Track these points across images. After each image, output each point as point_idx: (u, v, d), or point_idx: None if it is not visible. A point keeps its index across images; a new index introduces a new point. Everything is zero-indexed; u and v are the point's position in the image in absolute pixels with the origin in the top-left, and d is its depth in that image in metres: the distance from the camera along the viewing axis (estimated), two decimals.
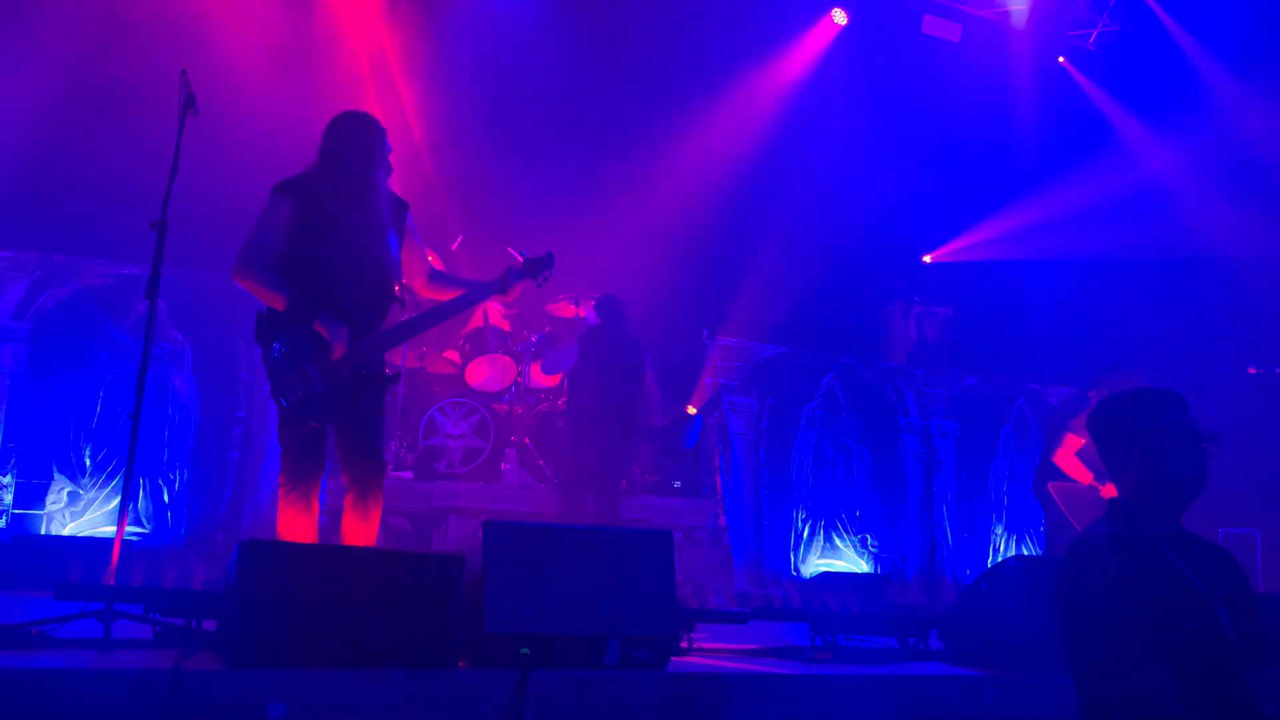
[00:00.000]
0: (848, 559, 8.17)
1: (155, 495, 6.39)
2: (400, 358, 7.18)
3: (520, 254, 4.32)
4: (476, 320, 7.59)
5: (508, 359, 7.66)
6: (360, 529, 3.89)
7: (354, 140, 4.01)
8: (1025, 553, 8.65)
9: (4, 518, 6.02)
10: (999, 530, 8.77)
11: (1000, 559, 8.42)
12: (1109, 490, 5.75)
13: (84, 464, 6.26)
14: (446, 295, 4.26)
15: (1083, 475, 5.99)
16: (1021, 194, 10.22)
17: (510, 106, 8.79)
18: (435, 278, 4.34)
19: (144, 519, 6.33)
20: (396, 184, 4.23)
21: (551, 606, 3.07)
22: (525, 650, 2.84)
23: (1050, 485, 6.22)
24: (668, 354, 8.03)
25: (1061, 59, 10.22)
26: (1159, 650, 2.18)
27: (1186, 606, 2.26)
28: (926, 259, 10.60)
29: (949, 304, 9.49)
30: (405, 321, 4.22)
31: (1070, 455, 6.04)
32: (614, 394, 6.63)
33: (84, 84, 7.07)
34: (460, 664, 2.96)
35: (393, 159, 4.14)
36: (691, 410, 7.99)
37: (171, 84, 4.14)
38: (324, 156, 4.00)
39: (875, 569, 8.21)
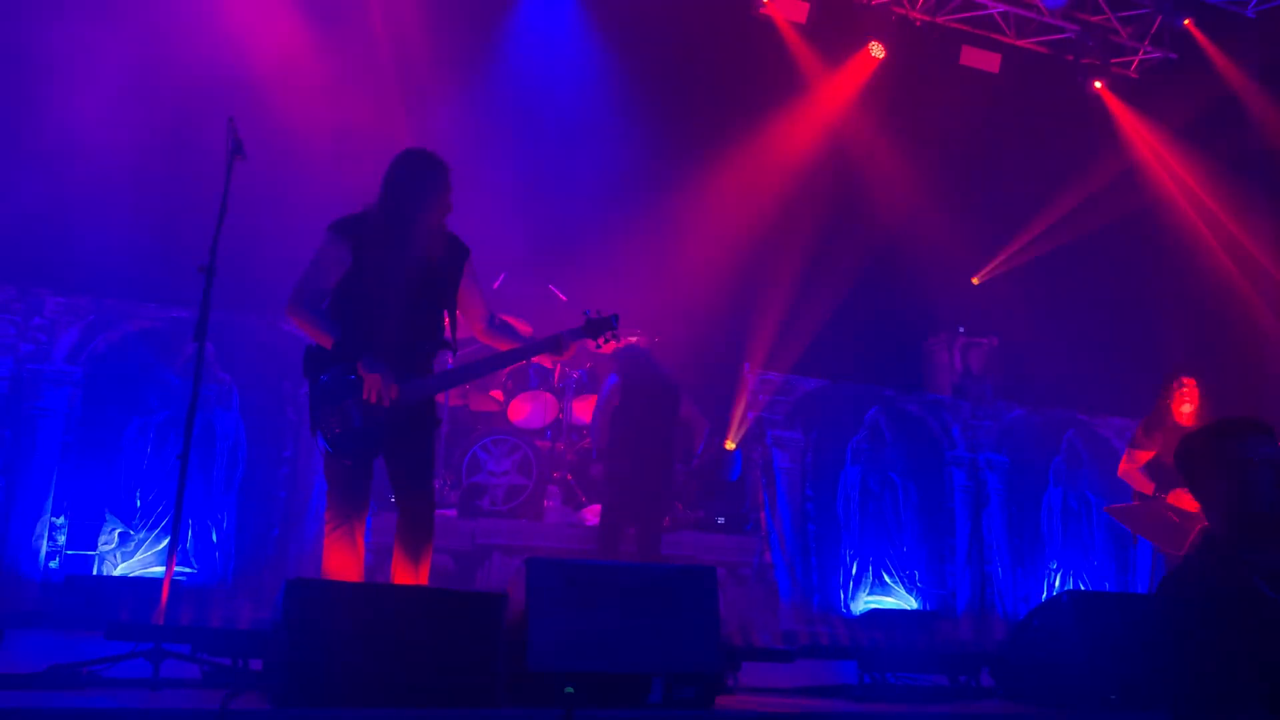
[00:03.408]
0: (897, 595, 8.03)
1: (203, 535, 6.46)
2: (444, 395, 7.22)
3: (585, 313, 4.23)
4: None
5: (549, 396, 7.69)
6: (408, 571, 3.89)
7: (414, 180, 3.97)
8: (1080, 587, 8.45)
9: (57, 558, 6.11)
10: (1053, 564, 8.58)
11: (1054, 594, 8.24)
12: (1175, 497, 5.65)
13: (134, 505, 6.34)
14: (504, 346, 4.20)
15: (1144, 485, 5.92)
16: (1062, 218, 10.14)
17: (550, 142, 8.88)
18: (494, 325, 4.24)
19: (192, 559, 6.39)
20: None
21: (595, 644, 3.05)
22: (569, 689, 2.81)
23: (1105, 509, 6.14)
24: (708, 388, 8.00)
25: (1100, 84, 10.12)
26: (1257, 690, 2.12)
27: None
28: (975, 280, 10.52)
29: (993, 334, 9.38)
30: (455, 369, 4.24)
31: (1133, 470, 5.96)
32: (651, 433, 6.60)
33: (134, 130, 7.24)
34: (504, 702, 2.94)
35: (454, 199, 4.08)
36: (730, 445, 7.94)
37: (220, 129, 4.22)
38: (384, 195, 3.97)
39: (924, 605, 8.06)
